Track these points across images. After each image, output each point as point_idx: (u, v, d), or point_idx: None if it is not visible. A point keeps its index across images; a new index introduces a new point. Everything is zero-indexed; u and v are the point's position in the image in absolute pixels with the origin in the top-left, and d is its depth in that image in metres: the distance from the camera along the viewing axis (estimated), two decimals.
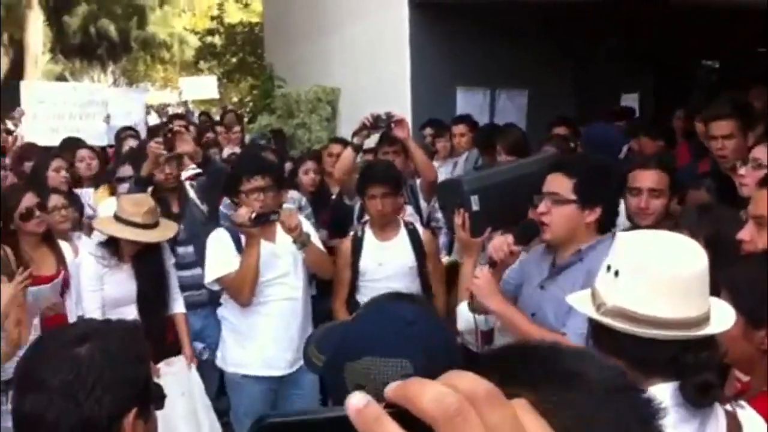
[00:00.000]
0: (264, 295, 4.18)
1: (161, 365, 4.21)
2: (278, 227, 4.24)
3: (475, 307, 3.04)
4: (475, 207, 3.44)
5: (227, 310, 4.34)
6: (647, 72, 8.80)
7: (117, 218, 4.23)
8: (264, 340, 4.21)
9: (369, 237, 4.44)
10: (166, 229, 4.41)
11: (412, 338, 1.38)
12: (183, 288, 4.81)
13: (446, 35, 8.68)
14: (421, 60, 8.67)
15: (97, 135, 8.94)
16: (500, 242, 2.97)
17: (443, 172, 7.10)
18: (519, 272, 3.18)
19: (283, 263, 4.22)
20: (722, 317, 1.74)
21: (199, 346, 4.97)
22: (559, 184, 2.94)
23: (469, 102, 8.79)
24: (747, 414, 1.72)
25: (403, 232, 4.45)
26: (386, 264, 4.37)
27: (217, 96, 14.69)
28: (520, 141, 5.59)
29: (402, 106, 8.68)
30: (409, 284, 4.24)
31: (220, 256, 4.12)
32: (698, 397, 1.62)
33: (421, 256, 4.40)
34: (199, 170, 5.71)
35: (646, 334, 1.67)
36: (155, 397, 1.60)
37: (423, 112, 8.42)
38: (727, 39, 9.19)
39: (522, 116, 8.89)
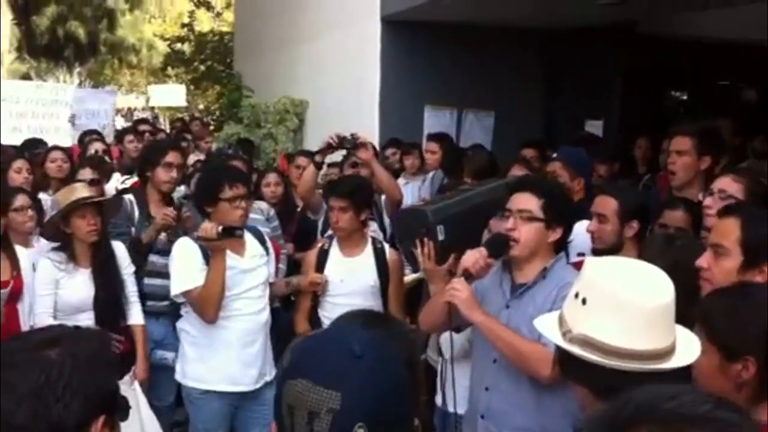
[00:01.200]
0: (230, 310, 4.07)
1: None
2: (247, 240, 4.19)
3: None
4: (441, 236, 3.49)
5: (188, 323, 4.20)
6: (613, 99, 8.92)
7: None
8: (228, 355, 4.09)
9: (335, 251, 4.42)
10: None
11: (351, 373, 1.33)
12: (149, 296, 4.76)
13: (416, 53, 8.74)
14: (391, 76, 8.72)
15: (61, 135, 8.84)
16: (475, 256, 3.02)
17: (411, 188, 7.15)
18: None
19: (250, 278, 4.14)
20: (688, 348, 1.77)
21: (171, 354, 4.90)
22: (528, 202, 3.01)
23: (436, 121, 8.85)
24: None
25: (369, 250, 4.42)
26: (348, 280, 4.34)
27: (184, 104, 14.64)
28: (485, 166, 5.66)
29: (369, 122, 8.73)
30: (370, 303, 4.20)
31: (188, 268, 4.00)
32: None
33: (384, 276, 4.37)
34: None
35: (612, 365, 1.68)
36: (121, 408, 1.58)
37: (390, 129, 8.47)
38: (693, 70, 9.38)
39: (488, 137, 8.97)
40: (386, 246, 4.50)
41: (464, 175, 5.76)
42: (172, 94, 14.04)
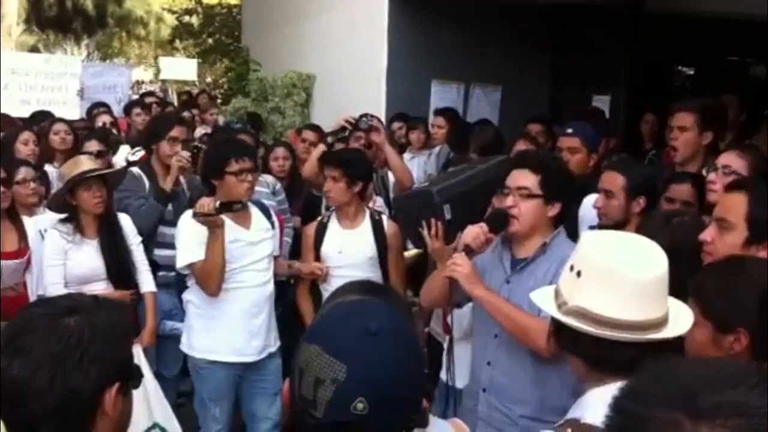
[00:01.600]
0: (235, 281, 4.12)
1: None
2: (253, 214, 4.23)
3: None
4: (448, 216, 3.53)
5: (194, 295, 4.24)
6: (621, 74, 8.90)
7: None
8: (234, 326, 4.14)
9: (333, 224, 4.47)
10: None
11: (363, 350, 1.38)
12: (160, 267, 4.82)
13: (423, 28, 8.71)
14: (398, 51, 8.70)
15: (69, 108, 8.87)
16: (476, 231, 3.06)
17: (417, 162, 7.18)
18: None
19: (256, 250, 4.19)
20: (680, 319, 1.81)
21: (181, 325, 4.96)
22: (526, 179, 3.04)
23: (443, 95, 8.85)
24: None
25: (367, 222, 4.46)
26: (345, 252, 4.38)
27: (195, 78, 14.65)
28: (491, 142, 5.67)
29: (376, 97, 8.73)
30: (369, 274, 4.24)
31: (193, 240, 4.03)
32: None
33: (382, 248, 4.41)
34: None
35: (605, 335, 1.72)
36: (134, 376, 1.63)
37: (397, 104, 8.47)
38: (701, 46, 9.33)
39: (495, 112, 8.97)
40: (384, 218, 4.53)
41: (470, 150, 5.77)
42: (183, 68, 14.04)
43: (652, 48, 9.12)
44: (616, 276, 1.75)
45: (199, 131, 7.67)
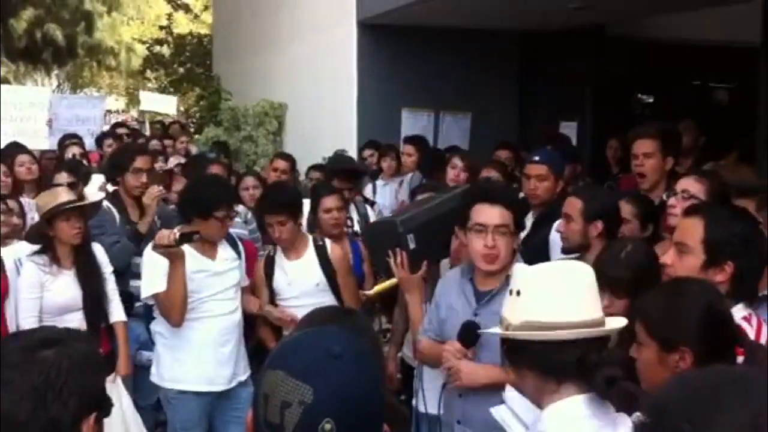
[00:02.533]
0: (201, 311, 4.16)
1: None
2: (219, 244, 4.28)
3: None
4: (412, 245, 3.61)
5: (161, 326, 4.27)
6: (586, 100, 9.08)
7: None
8: (202, 355, 4.17)
9: (279, 258, 4.49)
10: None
11: (327, 372, 1.41)
12: (135, 298, 4.81)
13: (393, 56, 8.84)
14: (368, 79, 8.82)
15: (39, 138, 8.88)
16: (452, 354, 3.06)
17: (389, 190, 7.26)
18: (438, 305, 3.31)
19: (222, 280, 4.23)
20: (615, 321, 1.98)
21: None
22: (503, 216, 3.10)
23: (413, 123, 8.96)
24: None
25: (310, 250, 4.47)
26: (294, 282, 4.40)
27: (174, 113, 14.69)
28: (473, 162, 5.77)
29: (348, 125, 8.84)
30: (320, 300, 4.20)
31: (157, 270, 4.07)
32: (607, 389, 1.80)
33: (330, 272, 4.43)
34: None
35: (553, 336, 1.84)
36: (107, 405, 1.67)
37: (368, 131, 8.57)
38: (664, 72, 9.54)
39: (465, 138, 9.09)
40: (328, 242, 4.53)
41: (454, 164, 5.88)
42: (163, 103, 14.10)
43: (615, 74, 9.31)
44: (551, 283, 1.92)
45: (173, 161, 7.71)
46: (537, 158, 4.71)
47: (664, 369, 2.09)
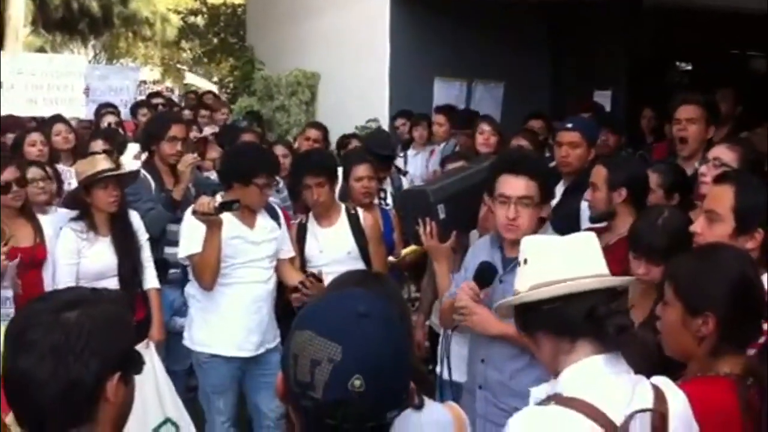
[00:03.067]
0: (234, 277, 4.21)
1: None
2: (259, 214, 4.32)
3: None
4: (442, 215, 3.65)
5: (195, 288, 4.33)
6: (621, 70, 8.96)
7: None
8: (232, 321, 4.22)
9: (312, 225, 4.54)
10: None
11: (354, 330, 1.44)
12: (169, 264, 4.92)
13: (426, 26, 8.79)
14: (401, 49, 8.79)
15: (75, 106, 8.99)
16: (467, 293, 3.12)
17: (420, 158, 7.27)
18: (464, 277, 3.34)
19: (258, 249, 4.27)
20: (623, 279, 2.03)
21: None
22: (527, 188, 3.10)
23: (446, 92, 8.93)
24: (670, 388, 1.89)
25: (343, 218, 4.52)
26: (326, 250, 4.45)
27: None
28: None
29: (380, 94, 8.83)
30: (352, 268, 4.25)
31: (195, 232, 4.13)
32: (617, 337, 1.83)
33: (362, 241, 4.47)
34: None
35: (560, 290, 1.88)
36: (136, 364, 1.71)
37: (400, 101, 8.56)
38: (700, 41, 9.38)
39: (497, 108, 9.04)
40: (360, 211, 4.57)
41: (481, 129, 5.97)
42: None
43: (651, 43, 9.19)
44: (555, 248, 1.98)
45: (207, 130, 7.76)
46: (570, 125, 4.68)
47: (686, 331, 2.11)
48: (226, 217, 4.12)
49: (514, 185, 3.11)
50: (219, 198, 4.11)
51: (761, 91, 8.32)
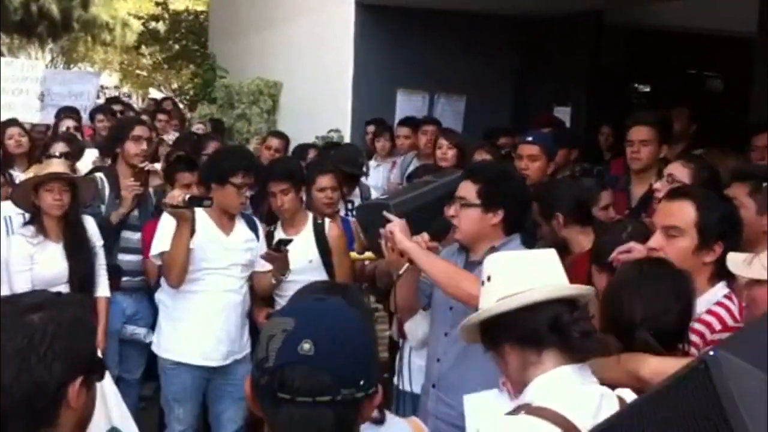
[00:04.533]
0: (206, 283, 4.18)
1: None
2: (237, 223, 4.30)
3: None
4: None
5: (165, 294, 4.30)
6: (582, 86, 9.08)
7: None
8: (201, 329, 4.18)
9: (278, 231, 4.53)
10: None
11: (311, 308, 1.50)
12: (123, 272, 4.89)
13: (390, 37, 8.81)
14: (364, 60, 8.80)
15: (30, 111, 8.86)
16: (417, 240, 3.21)
17: (382, 170, 7.27)
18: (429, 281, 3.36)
19: (231, 256, 4.23)
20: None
21: (143, 330, 5.02)
22: (466, 189, 3.19)
23: (408, 104, 8.95)
24: (629, 395, 1.92)
25: (309, 226, 4.50)
26: (290, 258, 4.40)
27: None
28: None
29: (343, 105, 8.82)
30: (313, 278, 4.15)
31: (166, 232, 4.10)
32: (582, 343, 1.87)
33: (325, 251, 4.46)
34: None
35: (522, 300, 1.92)
36: (99, 369, 1.69)
37: (363, 112, 8.56)
38: (660, 60, 9.55)
39: (459, 121, 9.08)
40: (327, 221, 4.56)
41: (440, 145, 5.92)
42: None
43: (612, 61, 9.31)
44: (516, 261, 2.06)
45: (170, 136, 7.71)
46: (530, 138, 4.82)
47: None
48: (203, 220, 4.12)
49: (460, 187, 3.24)
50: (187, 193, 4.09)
51: (716, 110, 8.50)
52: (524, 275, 1.97)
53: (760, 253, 2.31)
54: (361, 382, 1.43)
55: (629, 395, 1.93)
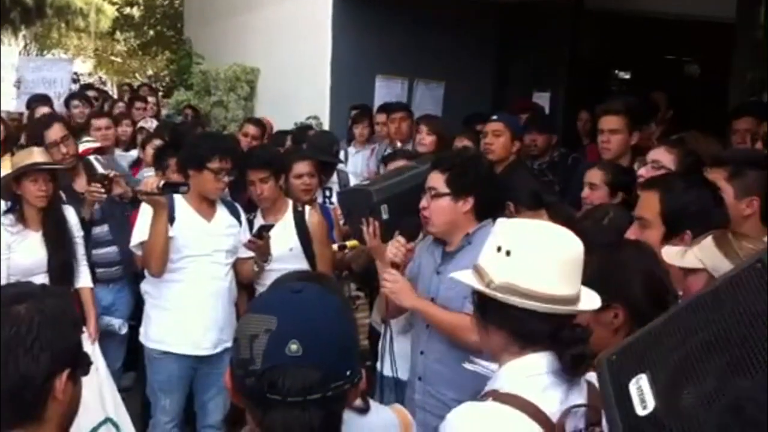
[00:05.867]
0: (189, 271, 4.14)
1: None
2: (218, 209, 4.26)
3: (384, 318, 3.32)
4: (385, 216, 3.65)
5: (150, 284, 4.26)
6: (561, 72, 9.08)
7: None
8: (189, 318, 4.15)
9: (258, 219, 4.51)
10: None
11: (290, 303, 1.46)
12: (98, 265, 4.88)
13: (368, 22, 8.76)
14: (342, 45, 8.74)
15: (5, 98, 8.75)
16: (396, 246, 3.24)
17: (360, 156, 7.23)
18: (411, 265, 3.39)
19: (214, 242, 4.19)
20: (590, 297, 1.94)
21: (117, 321, 4.98)
22: (434, 179, 3.18)
23: (387, 90, 8.91)
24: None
25: (289, 214, 4.48)
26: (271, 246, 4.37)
27: None
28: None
29: (321, 90, 8.76)
30: (293, 266, 4.15)
31: (144, 222, 4.05)
32: (573, 367, 1.81)
33: (305, 239, 4.43)
34: (95, 143, 5.72)
35: (532, 306, 1.82)
36: (83, 363, 1.66)
37: (342, 98, 8.51)
38: (639, 45, 9.57)
39: (438, 107, 9.07)
40: (307, 208, 4.54)
41: (420, 130, 6.03)
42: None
43: (591, 46, 9.32)
44: (546, 254, 1.86)
45: (145, 124, 7.63)
46: (495, 117, 5.20)
47: (601, 326, 2.13)
48: (182, 207, 4.10)
49: (428, 178, 3.22)
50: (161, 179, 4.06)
51: (695, 95, 8.54)
52: (542, 270, 1.84)
53: (693, 246, 2.32)
54: (348, 373, 1.44)
55: (596, 378, 1.91)
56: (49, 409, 1.57)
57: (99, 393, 4.07)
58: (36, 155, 4.30)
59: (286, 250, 4.35)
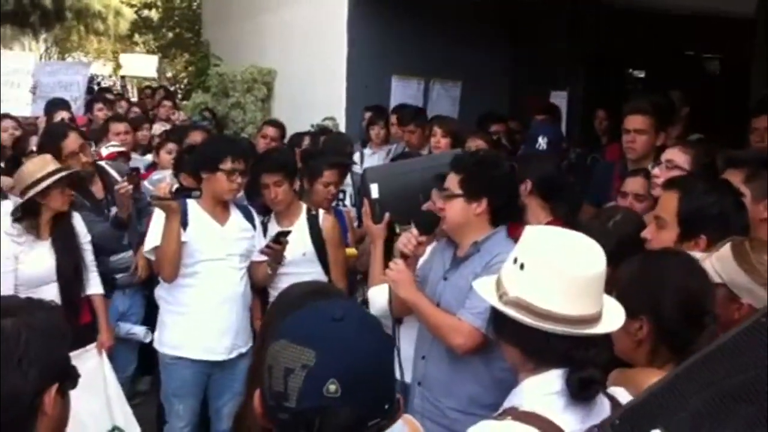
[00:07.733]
0: (204, 275, 4.12)
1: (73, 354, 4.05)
2: (232, 212, 4.24)
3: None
4: (375, 195, 3.63)
5: (164, 290, 4.24)
6: (579, 71, 9.01)
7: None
8: (203, 323, 4.13)
9: (272, 223, 4.48)
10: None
11: (328, 334, 1.39)
12: (114, 271, 4.86)
13: (384, 23, 8.73)
14: (359, 46, 8.71)
15: (21, 104, 8.79)
16: (407, 237, 3.19)
17: (377, 158, 7.19)
18: (424, 266, 3.35)
19: (227, 246, 4.17)
20: (613, 316, 1.85)
21: (141, 329, 4.97)
22: (450, 180, 3.15)
23: (403, 91, 8.87)
24: (625, 399, 1.85)
25: (302, 218, 4.45)
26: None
27: (155, 75, 14.53)
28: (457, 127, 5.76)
29: (337, 92, 8.75)
30: (306, 270, 4.23)
31: (158, 228, 4.04)
32: (580, 390, 1.74)
33: (319, 243, 4.40)
34: (120, 147, 5.72)
35: (543, 327, 1.75)
36: (73, 376, 1.64)
37: (358, 99, 8.48)
38: (658, 42, 9.48)
39: (455, 107, 9.02)
40: (321, 212, 4.51)
41: (435, 132, 5.92)
42: (143, 64, 13.97)
43: (609, 44, 9.24)
44: (558, 271, 1.77)
45: (157, 128, 7.65)
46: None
47: (626, 336, 2.07)
48: (195, 211, 4.09)
49: (447, 178, 3.18)
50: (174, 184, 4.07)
51: (715, 92, 8.44)
52: (556, 290, 1.75)
53: (712, 255, 2.26)
54: (386, 407, 1.39)
55: (622, 394, 1.87)
56: (37, 425, 1.54)
57: (106, 401, 4.06)
58: (51, 163, 4.24)
59: (299, 254, 4.33)
